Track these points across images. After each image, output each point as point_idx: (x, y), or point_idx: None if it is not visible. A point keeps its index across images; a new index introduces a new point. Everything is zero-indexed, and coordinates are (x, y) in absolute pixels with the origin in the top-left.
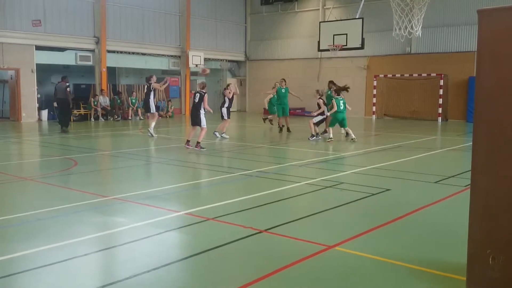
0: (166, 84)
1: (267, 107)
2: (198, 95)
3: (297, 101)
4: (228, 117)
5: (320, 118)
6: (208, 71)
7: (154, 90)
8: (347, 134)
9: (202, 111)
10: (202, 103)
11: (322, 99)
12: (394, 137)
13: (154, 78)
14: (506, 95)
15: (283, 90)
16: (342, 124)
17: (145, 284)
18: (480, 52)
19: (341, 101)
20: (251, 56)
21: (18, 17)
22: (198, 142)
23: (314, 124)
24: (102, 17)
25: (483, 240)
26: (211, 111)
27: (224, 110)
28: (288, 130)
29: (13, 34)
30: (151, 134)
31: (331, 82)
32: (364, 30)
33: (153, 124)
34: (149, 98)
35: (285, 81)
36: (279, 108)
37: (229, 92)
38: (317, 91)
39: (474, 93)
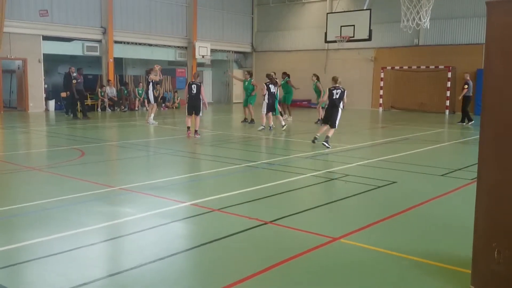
0: (157, 72)
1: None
2: (195, 86)
3: (300, 92)
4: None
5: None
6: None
7: (153, 82)
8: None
9: (201, 101)
10: (200, 94)
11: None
12: (401, 129)
13: (154, 71)
14: None
15: (246, 83)
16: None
17: (151, 274)
18: (489, 44)
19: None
20: (257, 47)
21: (26, 7)
22: (196, 130)
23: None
24: (109, 8)
25: (489, 234)
26: (207, 105)
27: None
28: (252, 121)
29: (20, 24)
30: (152, 123)
31: (284, 73)
32: (372, 21)
33: (152, 114)
34: (148, 89)
35: (248, 73)
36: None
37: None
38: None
39: (482, 86)
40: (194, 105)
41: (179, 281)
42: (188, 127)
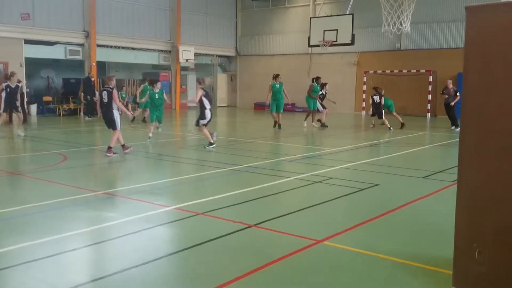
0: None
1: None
2: (105, 92)
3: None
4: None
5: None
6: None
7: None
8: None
9: (115, 111)
10: (113, 101)
11: (203, 89)
12: (383, 132)
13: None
14: (492, 91)
15: (278, 86)
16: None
17: (135, 279)
18: (468, 48)
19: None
20: (241, 51)
21: (7, 10)
22: (109, 147)
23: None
24: (92, 11)
25: (470, 235)
26: (128, 112)
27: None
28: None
29: (1, 28)
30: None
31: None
32: (354, 26)
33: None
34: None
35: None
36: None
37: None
38: (198, 80)
39: (462, 89)
40: (105, 117)
41: (163, 285)
42: (109, 147)
